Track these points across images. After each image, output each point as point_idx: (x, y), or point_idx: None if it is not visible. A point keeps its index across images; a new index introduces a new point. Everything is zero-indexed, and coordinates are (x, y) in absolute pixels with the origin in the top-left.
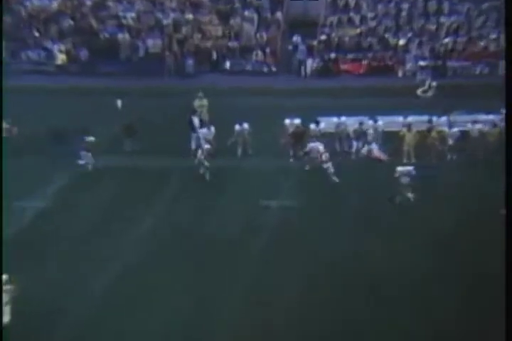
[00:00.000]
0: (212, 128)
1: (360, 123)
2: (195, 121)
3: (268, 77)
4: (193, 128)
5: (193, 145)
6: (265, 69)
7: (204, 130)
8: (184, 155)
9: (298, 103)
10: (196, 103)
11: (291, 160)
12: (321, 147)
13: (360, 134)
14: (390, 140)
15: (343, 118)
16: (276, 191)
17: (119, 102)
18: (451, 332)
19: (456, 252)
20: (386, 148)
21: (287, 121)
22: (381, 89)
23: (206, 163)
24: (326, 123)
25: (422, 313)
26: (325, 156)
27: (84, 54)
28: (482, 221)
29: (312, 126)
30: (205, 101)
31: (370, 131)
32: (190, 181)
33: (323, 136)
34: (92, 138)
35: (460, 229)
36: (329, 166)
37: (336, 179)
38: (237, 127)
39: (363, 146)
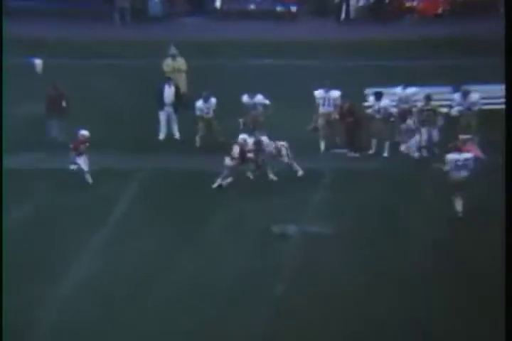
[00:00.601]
0: (213, 100)
1: (430, 98)
2: (168, 92)
3: (285, 23)
4: (162, 104)
5: (162, 132)
6: (280, 10)
7: (200, 103)
8: (152, 149)
9: (334, 64)
10: (167, 65)
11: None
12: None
13: (436, 115)
14: (487, 125)
15: (411, 90)
16: (300, 209)
17: (38, 62)
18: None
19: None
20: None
21: (319, 93)
22: (472, 41)
23: (250, 175)
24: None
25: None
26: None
27: None
28: None
29: (370, 99)
30: (181, 63)
31: (456, 111)
32: (164, 193)
33: (384, 119)
34: (85, 133)
35: None
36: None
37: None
38: (245, 98)
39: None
